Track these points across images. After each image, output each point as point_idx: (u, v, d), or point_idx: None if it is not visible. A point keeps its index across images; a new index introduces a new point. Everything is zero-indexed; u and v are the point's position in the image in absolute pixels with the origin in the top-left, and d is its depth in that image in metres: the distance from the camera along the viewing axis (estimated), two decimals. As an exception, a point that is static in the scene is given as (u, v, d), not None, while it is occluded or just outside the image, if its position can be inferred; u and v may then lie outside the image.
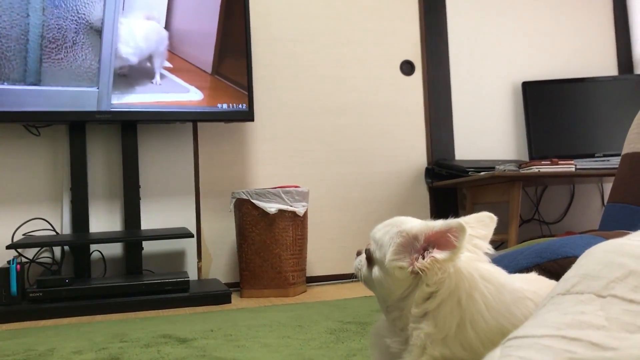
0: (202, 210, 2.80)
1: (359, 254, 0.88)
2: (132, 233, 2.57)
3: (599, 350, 0.42)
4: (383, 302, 0.83)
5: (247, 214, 2.54)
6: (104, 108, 2.49)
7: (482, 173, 2.70)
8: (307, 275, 2.73)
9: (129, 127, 2.64)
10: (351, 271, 0.90)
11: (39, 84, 2.42)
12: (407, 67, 3.17)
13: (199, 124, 2.81)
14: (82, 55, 2.47)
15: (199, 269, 2.76)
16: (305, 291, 2.67)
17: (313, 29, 3.03)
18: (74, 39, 2.45)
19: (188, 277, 2.41)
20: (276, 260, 2.52)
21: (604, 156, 2.92)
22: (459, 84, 3.24)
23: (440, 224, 0.75)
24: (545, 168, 2.64)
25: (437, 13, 3.22)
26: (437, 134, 3.16)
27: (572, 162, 2.70)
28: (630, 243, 0.55)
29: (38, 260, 2.55)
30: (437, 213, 3.13)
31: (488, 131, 3.27)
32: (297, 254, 2.58)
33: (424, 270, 0.74)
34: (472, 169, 2.80)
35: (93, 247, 2.60)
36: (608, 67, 3.49)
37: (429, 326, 0.73)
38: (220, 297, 2.37)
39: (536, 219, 3.30)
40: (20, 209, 2.56)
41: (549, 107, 3.17)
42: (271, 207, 2.49)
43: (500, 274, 0.77)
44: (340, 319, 1.85)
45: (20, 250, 2.48)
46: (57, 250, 2.58)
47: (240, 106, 2.66)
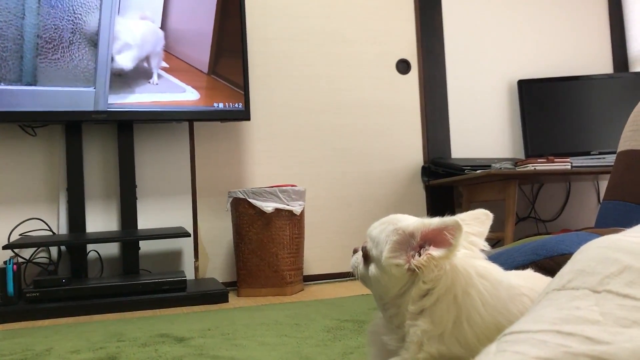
0: (199, 209, 2.80)
1: (355, 251, 0.89)
2: (128, 233, 2.57)
3: (593, 344, 0.42)
4: (380, 300, 0.83)
5: (243, 213, 2.55)
6: (100, 108, 2.49)
7: (478, 171, 2.71)
8: (304, 274, 2.74)
9: (125, 127, 2.64)
10: (348, 270, 0.90)
11: (35, 84, 2.41)
12: (403, 66, 3.17)
13: (195, 124, 2.81)
14: (78, 56, 2.46)
15: (196, 269, 2.76)
16: (303, 290, 2.67)
17: (309, 28, 3.03)
18: (71, 39, 2.45)
19: (185, 277, 2.41)
20: (273, 259, 2.53)
21: (600, 154, 2.93)
22: (455, 83, 3.24)
23: (436, 221, 0.75)
24: (541, 166, 2.65)
25: (433, 11, 3.23)
26: (433, 132, 3.17)
27: (568, 159, 2.71)
28: (625, 239, 0.55)
29: (35, 261, 2.54)
30: (434, 211, 3.13)
31: (484, 129, 3.28)
32: (294, 252, 2.59)
33: (420, 268, 0.74)
34: (468, 167, 2.81)
35: (90, 247, 2.60)
36: (603, 65, 3.50)
37: (426, 323, 0.73)
38: (217, 296, 2.37)
39: (532, 216, 3.31)
40: (16, 209, 2.56)
41: (544, 105, 3.18)
42: (268, 206, 2.49)
43: (496, 270, 0.77)
44: (338, 317, 1.86)
45: (16, 250, 2.48)
46: (54, 250, 2.58)
47: (237, 105, 2.66)
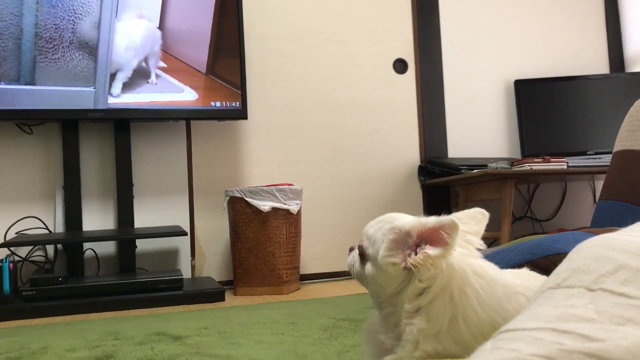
0: (196, 208, 2.80)
1: (351, 250, 0.89)
2: (125, 231, 2.57)
3: (588, 341, 0.42)
4: (376, 298, 0.83)
5: (240, 212, 2.55)
6: (100, 107, 2.48)
7: (474, 171, 2.71)
8: (300, 273, 2.74)
9: (122, 126, 2.63)
10: (344, 269, 0.90)
11: (34, 83, 2.41)
12: (400, 66, 3.18)
13: (192, 122, 2.81)
14: (78, 55, 2.45)
15: (193, 267, 2.76)
16: (299, 289, 2.67)
17: (306, 27, 3.03)
18: (71, 38, 2.44)
19: (182, 275, 2.41)
20: (270, 258, 2.53)
21: (596, 154, 2.94)
22: (452, 82, 3.25)
23: (432, 220, 0.75)
24: (538, 166, 2.65)
25: (430, 11, 3.23)
26: (430, 131, 3.17)
27: (564, 159, 2.71)
28: (620, 238, 0.55)
29: (31, 259, 2.54)
30: (430, 211, 3.14)
31: (481, 129, 3.28)
32: (291, 251, 2.59)
33: (416, 266, 0.74)
34: (465, 167, 2.81)
35: (86, 245, 2.60)
36: (600, 66, 3.51)
37: (422, 321, 0.73)
38: (214, 295, 2.37)
39: (528, 216, 3.31)
40: (13, 207, 2.55)
41: (541, 105, 3.19)
42: (265, 205, 2.49)
43: (492, 269, 0.77)
44: (334, 315, 1.86)
45: (13, 248, 2.48)
46: (50, 249, 2.58)
47: (234, 104, 2.66)
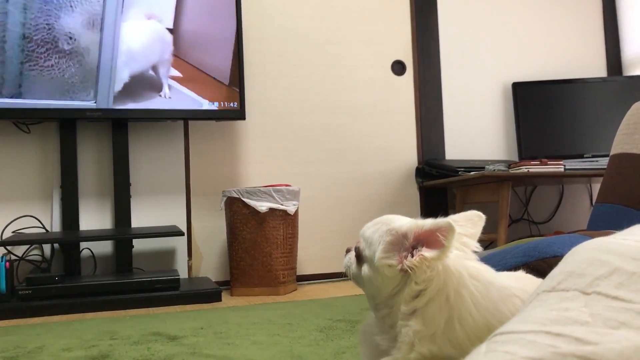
0: (193, 208, 2.80)
1: (348, 251, 0.89)
2: (122, 231, 2.56)
3: (581, 345, 0.42)
4: (372, 300, 0.83)
5: (237, 212, 2.55)
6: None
7: (472, 173, 2.72)
8: (297, 274, 2.74)
9: (120, 125, 2.63)
10: (341, 270, 0.90)
11: (20, 95, 2.29)
12: (398, 67, 3.18)
13: (190, 122, 2.81)
14: (76, 63, 2.30)
15: (190, 267, 2.76)
16: (296, 289, 2.67)
17: (305, 28, 3.03)
18: (69, 42, 2.31)
19: (178, 275, 2.41)
20: (267, 259, 2.53)
21: (593, 157, 2.95)
22: (450, 84, 3.25)
23: (429, 222, 0.75)
24: (535, 168, 2.66)
25: (429, 13, 3.24)
26: (428, 133, 3.18)
27: (561, 162, 2.72)
28: (615, 241, 0.56)
29: (27, 258, 2.53)
30: (428, 213, 3.14)
31: (478, 131, 3.29)
32: (288, 252, 2.59)
33: (412, 268, 0.75)
34: (462, 169, 2.82)
35: (83, 244, 2.59)
36: (597, 69, 3.52)
37: (418, 323, 0.73)
38: (210, 295, 2.37)
39: (525, 218, 3.32)
40: (9, 206, 2.55)
41: (538, 107, 3.19)
42: (262, 206, 2.49)
43: (488, 271, 0.78)
44: (330, 317, 1.86)
45: (9, 247, 2.47)
46: (47, 248, 2.57)
47: (232, 105, 2.66)
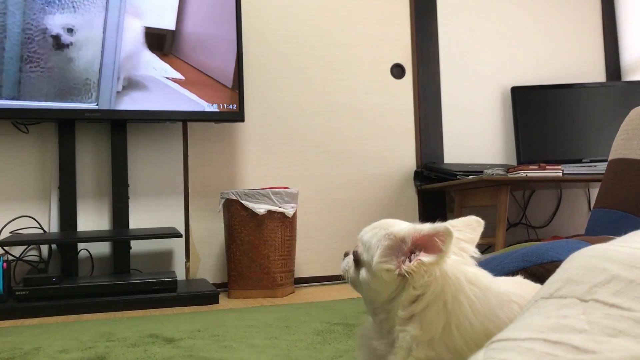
0: (191, 210, 2.79)
1: (346, 255, 0.89)
2: (120, 232, 2.56)
3: (579, 353, 0.42)
4: (370, 304, 0.83)
5: (235, 214, 2.54)
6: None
7: (470, 177, 2.72)
8: (295, 277, 2.73)
9: (119, 126, 2.63)
10: (339, 273, 0.90)
11: (18, 97, 2.29)
12: (397, 71, 3.18)
13: (189, 124, 2.81)
14: (78, 63, 2.31)
15: (187, 269, 2.75)
16: (293, 292, 2.67)
17: (304, 30, 3.03)
18: (70, 43, 2.34)
19: (176, 277, 2.41)
20: (264, 261, 2.52)
21: (591, 162, 2.95)
22: (449, 88, 3.25)
23: (427, 227, 0.75)
24: (533, 173, 2.66)
25: (428, 17, 3.24)
26: (427, 137, 3.18)
27: (560, 167, 2.72)
28: (613, 248, 0.55)
29: (25, 258, 2.53)
30: (426, 216, 3.14)
31: (477, 135, 3.29)
32: (286, 255, 2.59)
33: (410, 273, 0.75)
34: (461, 173, 2.81)
35: (81, 245, 2.59)
36: (596, 74, 3.52)
37: (415, 328, 0.73)
38: (208, 298, 2.37)
39: (523, 223, 3.32)
40: (7, 206, 2.54)
41: (537, 112, 3.19)
42: (260, 208, 2.49)
43: (486, 277, 0.78)
44: (328, 320, 1.86)
45: (7, 248, 2.47)
46: (45, 249, 2.57)
47: (231, 106, 2.66)
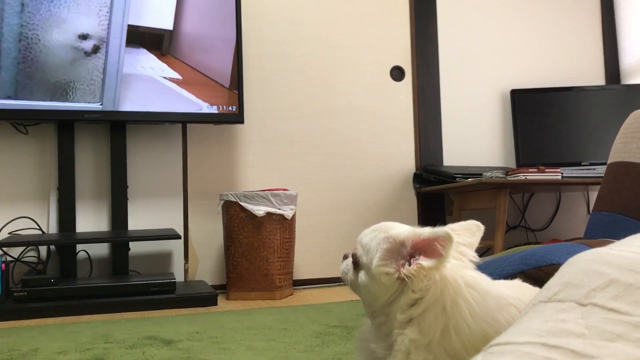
0: (190, 211, 2.79)
1: (345, 257, 0.89)
2: (119, 233, 2.56)
3: (577, 357, 0.42)
4: (369, 307, 0.83)
5: (234, 216, 2.54)
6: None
7: (469, 179, 2.72)
8: (294, 279, 2.73)
9: (118, 127, 2.63)
10: (338, 275, 0.90)
11: (17, 97, 2.29)
12: (397, 73, 3.18)
13: (188, 125, 2.81)
14: (80, 64, 2.31)
15: (186, 271, 2.75)
16: (292, 294, 2.67)
17: (304, 32, 3.03)
18: (72, 42, 2.34)
19: (174, 279, 2.40)
20: (263, 263, 2.52)
21: (590, 165, 2.95)
22: (449, 90, 3.25)
23: (427, 231, 0.75)
24: (532, 175, 2.66)
25: (428, 19, 3.24)
26: (426, 139, 3.18)
27: (559, 170, 2.72)
28: (612, 252, 0.55)
29: (23, 259, 2.53)
30: (425, 218, 3.14)
31: (476, 138, 3.29)
32: (285, 257, 2.58)
33: (409, 277, 0.74)
34: (460, 175, 2.81)
35: (79, 247, 2.59)
36: (596, 77, 3.52)
37: (414, 332, 0.73)
38: (206, 299, 2.37)
39: (522, 225, 3.32)
40: (6, 207, 2.54)
41: (536, 115, 3.20)
42: (259, 210, 2.49)
43: (484, 281, 0.78)
44: (326, 322, 1.86)
45: (5, 249, 2.46)
46: (43, 250, 2.57)
47: (230, 108, 2.66)
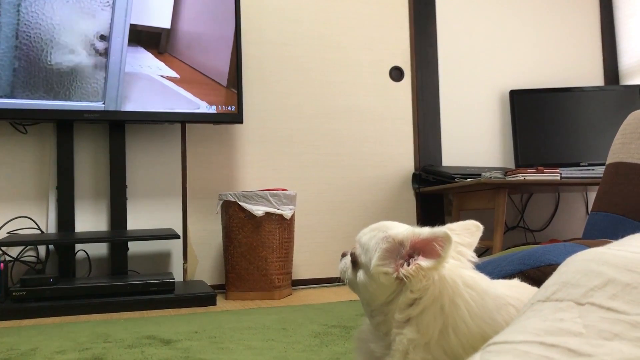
0: (189, 211, 2.79)
1: (344, 255, 0.89)
2: (117, 233, 2.56)
3: (575, 356, 0.43)
4: (367, 306, 0.83)
5: (234, 216, 2.54)
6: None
7: (468, 179, 2.72)
8: (292, 279, 2.73)
9: (117, 127, 2.63)
10: (337, 275, 0.90)
11: (16, 97, 2.30)
12: (396, 73, 3.19)
13: (188, 125, 2.81)
14: (81, 64, 2.32)
15: (185, 271, 2.75)
16: (291, 294, 2.67)
17: (304, 33, 3.03)
18: (74, 43, 2.34)
19: (173, 279, 2.40)
20: (262, 263, 2.52)
21: (589, 165, 2.95)
22: (448, 91, 3.26)
23: (426, 231, 0.75)
24: (531, 176, 2.66)
25: (427, 20, 3.24)
26: (425, 140, 3.18)
27: (558, 170, 2.72)
28: (610, 252, 0.56)
29: (22, 259, 2.53)
30: (424, 219, 3.14)
31: (475, 138, 3.29)
32: (284, 257, 2.59)
33: (408, 277, 0.75)
34: (459, 176, 2.82)
35: (78, 246, 2.58)
36: (594, 78, 3.53)
37: (412, 332, 0.73)
38: (205, 299, 2.37)
39: (521, 226, 3.32)
40: (5, 206, 2.54)
41: (535, 115, 3.20)
42: (258, 210, 2.49)
43: (483, 280, 0.78)
44: (325, 322, 1.86)
45: (4, 248, 2.46)
46: (42, 249, 2.56)
47: (230, 108, 2.66)
